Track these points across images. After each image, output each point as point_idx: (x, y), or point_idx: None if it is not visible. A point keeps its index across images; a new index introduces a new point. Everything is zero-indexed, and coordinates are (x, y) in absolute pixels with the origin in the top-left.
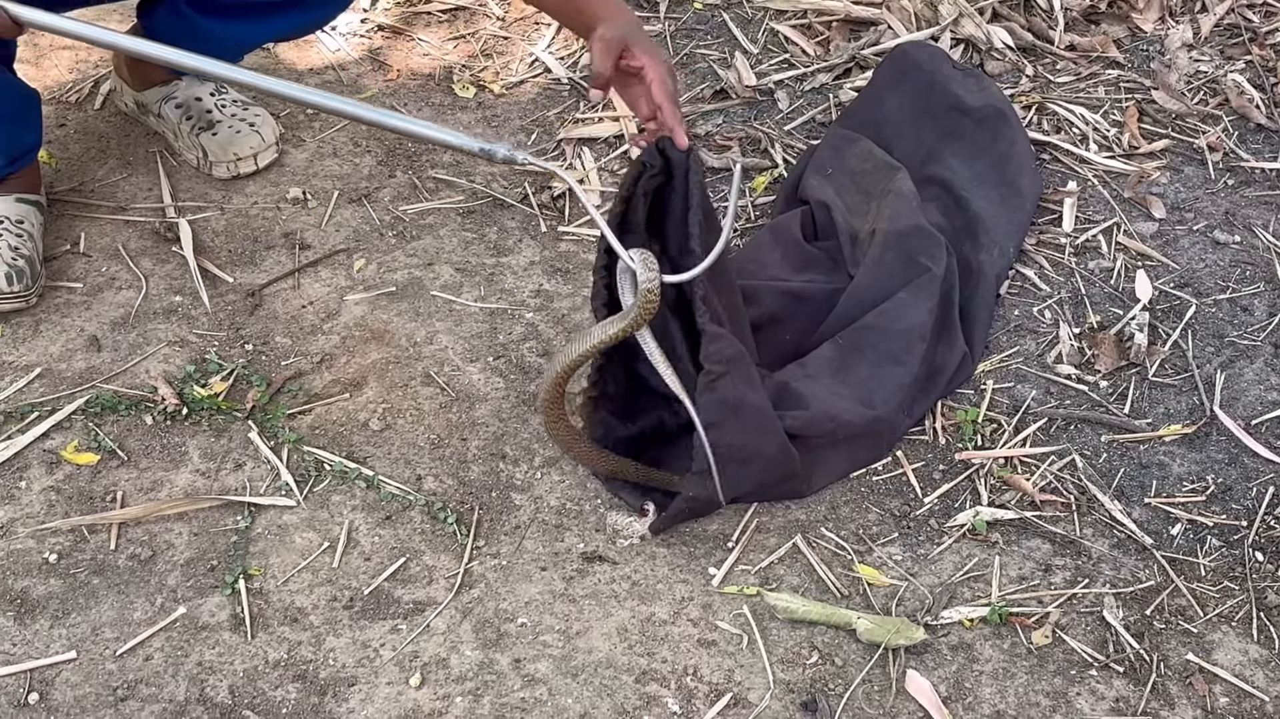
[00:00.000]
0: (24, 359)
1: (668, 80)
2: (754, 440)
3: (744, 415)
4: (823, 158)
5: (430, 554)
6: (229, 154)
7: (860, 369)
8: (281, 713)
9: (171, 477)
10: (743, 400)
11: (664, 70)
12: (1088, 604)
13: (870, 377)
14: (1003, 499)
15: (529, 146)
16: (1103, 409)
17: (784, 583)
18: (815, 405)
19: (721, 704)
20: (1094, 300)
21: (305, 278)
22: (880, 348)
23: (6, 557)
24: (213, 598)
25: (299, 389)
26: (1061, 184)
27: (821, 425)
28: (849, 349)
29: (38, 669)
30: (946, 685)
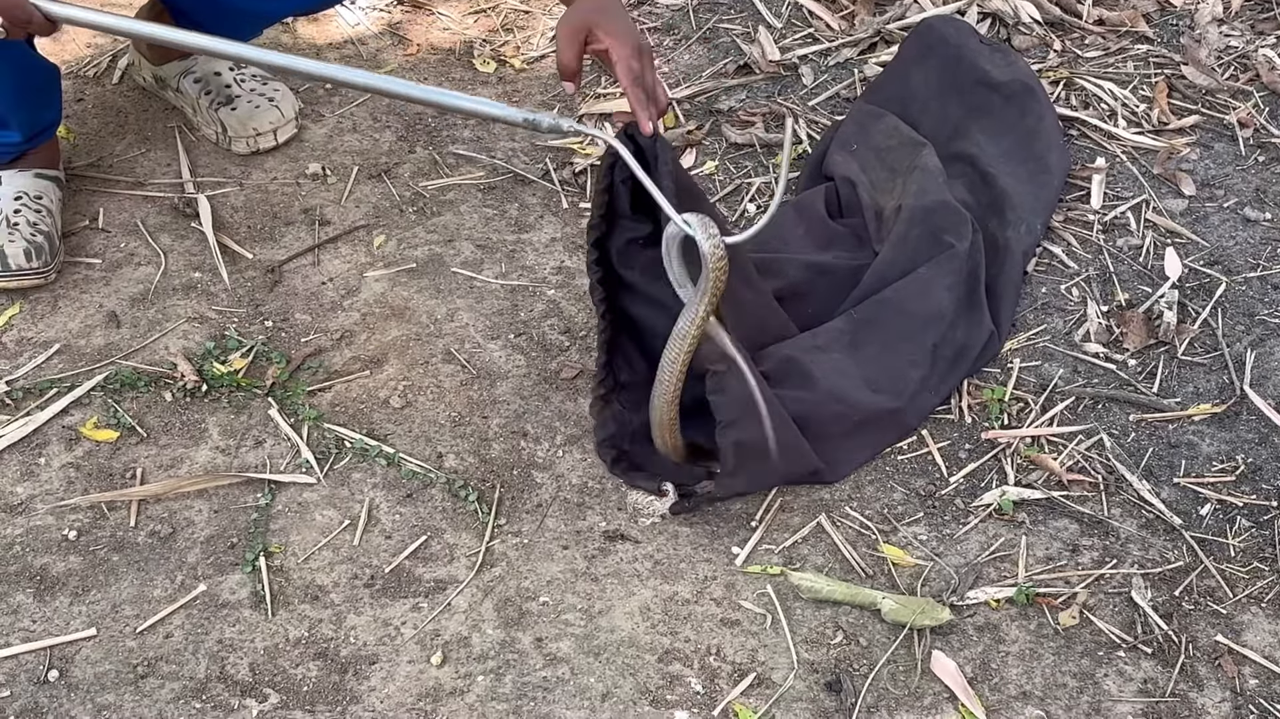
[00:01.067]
0: (43, 335)
1: (633, 62)
2: (769, 431)
3: (755, 408)
4: (848, 133)
5: (451, 532)
6: (248, 129)
7: (871, 346)
8: (302, 691)
9: (191, 453)
10: (751, 393)
11: (629, 51)
12: (1115, 585)
13: (881, 354)
14: (1029, 479)
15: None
16: (1131, 388)
17: (808, 562)
18: (822, 384)
19: (745, 684)
20: (1122, 278)
21: (325, 254)
22: (894, 325)
23: (26, 534)
24: (233, 575)
25: (319, 366)
26: (1090, 160)
27: (828, 407)
28: (863, 323)
29: (58, 646)
30: (972, 666)
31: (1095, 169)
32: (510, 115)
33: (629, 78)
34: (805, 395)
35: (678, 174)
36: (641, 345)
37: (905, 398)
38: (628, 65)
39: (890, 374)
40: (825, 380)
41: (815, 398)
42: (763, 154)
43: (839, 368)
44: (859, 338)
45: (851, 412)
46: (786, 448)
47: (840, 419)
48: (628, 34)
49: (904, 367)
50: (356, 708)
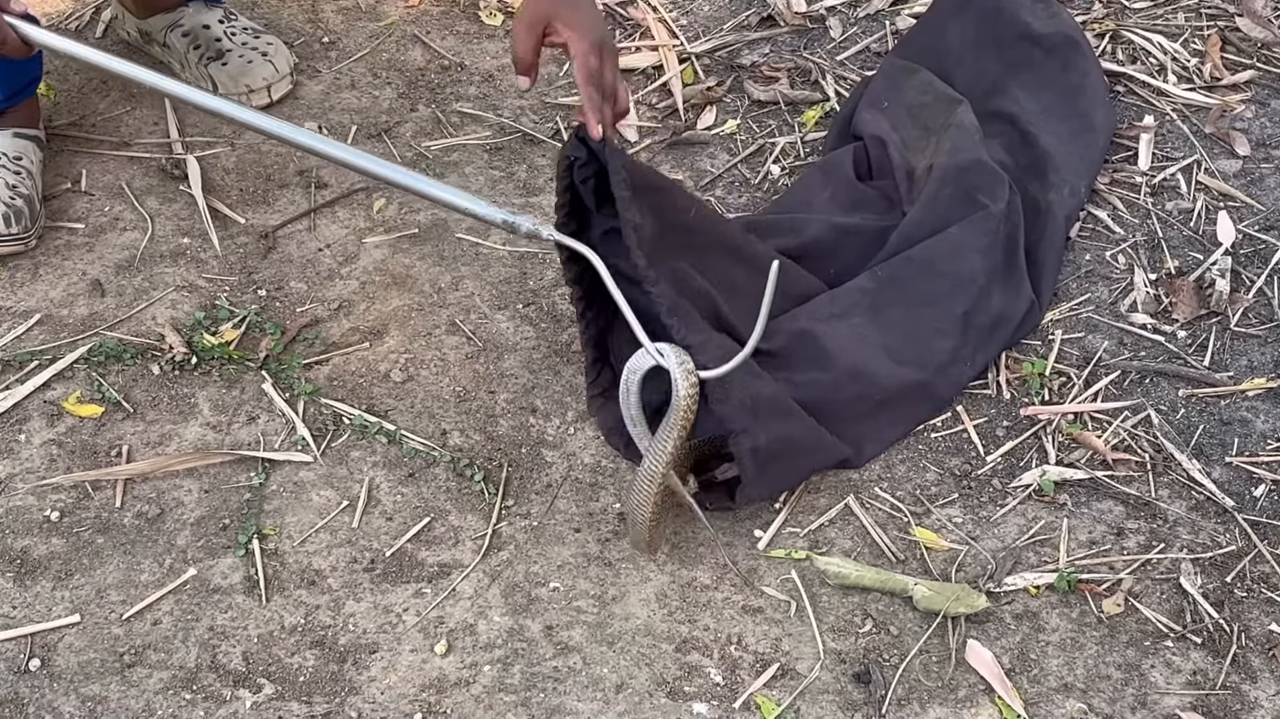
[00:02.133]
0: (22, 304)
1: (590, 59)
2: (783, 429)
3: (762, 408)
4: (878, 90)
5: (456, 514)
6: (240, 85)
7: (895, 309)
8: (299, 681)
9: (180, 430)
10: (757, 394)
11: (587, 46)
12: (1163, 570)
13: (905, 319)
14: (1072, 458)
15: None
16: (1180, 361)
17: (835, 546)
18: (840, 361)
19: (768, 675)
20: (1172, 244)
21: (322, 219)
22: (920, 288)
23: (5, 514)
24: (225, 559)
25: (315, 337)
26: (1137, 118)
27: (848, 388)
28: (887, 282)
29: (39, 633)
30: (1010, 656)
31: (1143, 128)
32: (489, 214)
33: (584, 74)
34: (822, 377)
35: (634, 177)
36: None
37: (932, 369)
38: (584, 61)
39: (915, 343)
40: (843, 356)
41: (832, 378)
42: (787, 112)
43: (859, 338)
44: (881, 299)
45: (873, 390)
46: (806, 445)
47: (861, 399)
48: (589, 27)
49: (930, 335)
50: (356, 699)
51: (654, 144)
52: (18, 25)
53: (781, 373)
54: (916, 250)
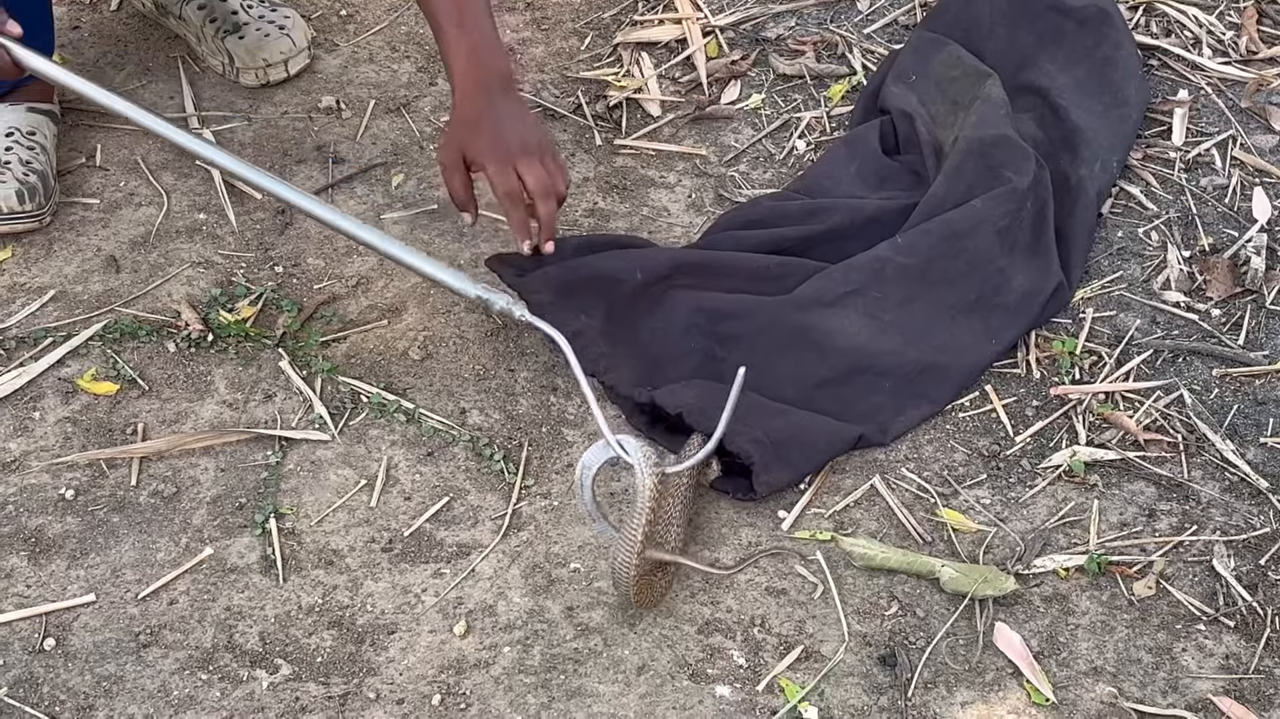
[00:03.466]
0: (36, 281)
1: (501, 180)
2: (780, 420)
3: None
4: (906, 64)
5: (476, 493)
6: (257, 60)
7: (910, 287)
8: (316, 661)
9: (196, 408)
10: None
11: (495, 170)
12: (1196, 553)
13: (921, 298)
14: (1103, 438)
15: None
16: (1214, 340)
17: (861, 528)
18: (844, 350)
19: (792, 657)
20: (1206, 221)
21: (339, 194)
22: (938, 263)
23: (20, 493)
24: (241, 538)
25: (333, 315)
26: (1171, 93)
27: (855, 378)
28: (905, 251)
29: (54, 613)
30: (1039, 639)
31: (1177, 102)
32: (464, 288)
33: (501, 196)
34: (825, 371)
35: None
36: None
37: (949, 351)
38: (498, 185)
39: (930, 325)
40: (848, 345)
41: (836, 370)
42: (813, 86)
43: (868, 319)
44: (897, 273)
45: (885, 375)
46: (815, 428)
47: (874, 385)
48: (495, 145)
49: (946, 317)
50: (374, 680)
51: (677, 119)
52: (10, 48)
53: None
54: (936, 223)
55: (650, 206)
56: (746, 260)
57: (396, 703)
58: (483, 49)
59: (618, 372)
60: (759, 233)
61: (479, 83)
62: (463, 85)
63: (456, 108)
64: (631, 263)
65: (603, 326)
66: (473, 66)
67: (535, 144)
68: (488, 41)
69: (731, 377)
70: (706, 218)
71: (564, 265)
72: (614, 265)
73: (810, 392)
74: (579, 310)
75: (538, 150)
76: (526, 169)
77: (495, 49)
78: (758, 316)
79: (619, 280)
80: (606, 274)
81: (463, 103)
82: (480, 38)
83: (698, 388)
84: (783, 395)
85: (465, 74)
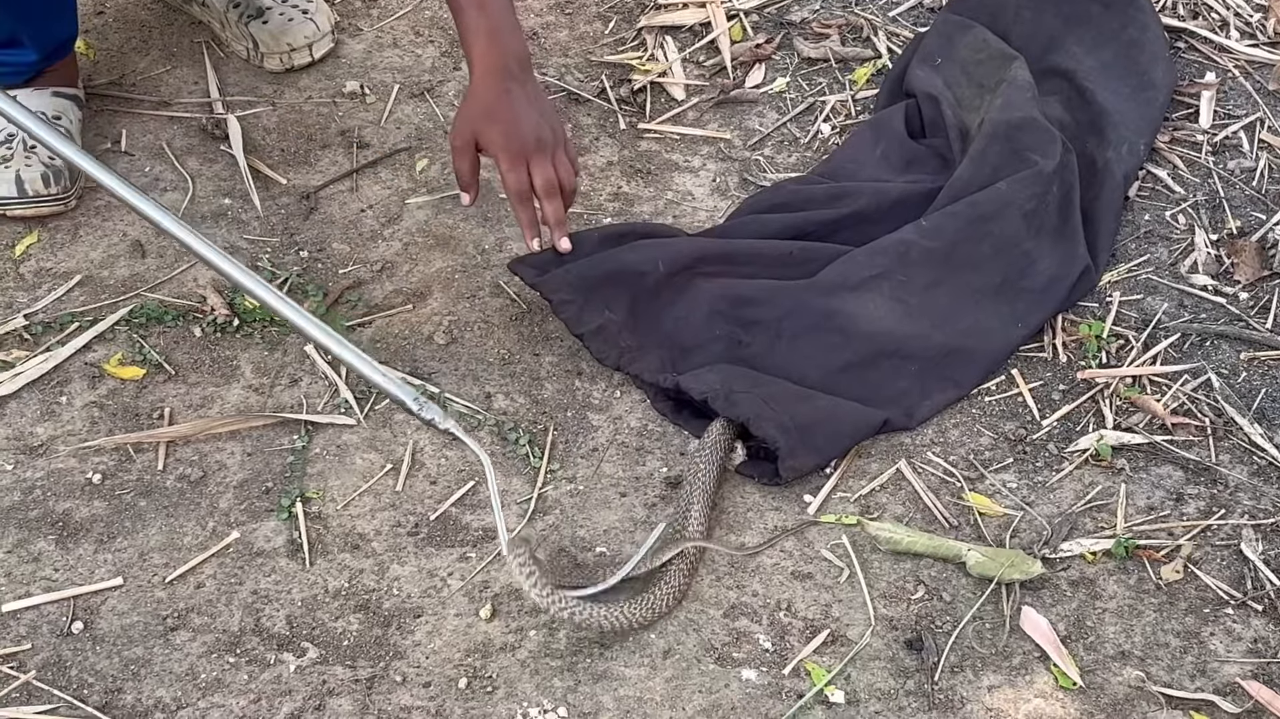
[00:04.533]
0: (62, 266)
1: (512, 176)
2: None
3: (767, 387)
4: (931, 46)
5: (501, 478)
6: (281, 44)
7: (935, 270)
8: (342, 645)
9: (222, 392)
10: (757, 381)
11: (508, 164)
12: (1224, 537)
13: (946, 283)
14: (1130, 422)
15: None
16: (1242, 323)
17: (886, 512)
18: (869, 334)
19: (818, 641)
20: (1234, 204)
21: (364, 179)
22: (963, 247)
23: (47, 477)
24: (268, 522)
25: (358, 299)
26: (1198, 75)
27: (881, 362)
28: (930, 233)
29: (82, 596)
30: (1066, 624)
31: (1204, 85)
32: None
33: (511, 193)
34: (849, 355)
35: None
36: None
37: (975, 335)
38: (509, 180)
39: (956, 309)
40: (873, 329)
41: (861, 354)
42: (838, 69)
43: (893, 303)
44: (921, 256)
45: (910, 359)
46: (840, 413)
47: (899, 369)
48: (509, 140)
49: (971, 301)
50: (400, 663)
51: (701, 103)
52: None
53: (799, 357)
54: (961, 205)
55: (674, 191)
56: (768, 247)
57: (423, 686)
58: (502, 32)
59: (642, 361)
60: (783, 216)
61: (497, 66)
62: (481, 67)
63: (473, 90)
64: (653, 255)
65: (626, 320)
66: (492, 49)
67: (550, 138)
68: (507, 24)
69: (757, 362)
70: (731, 202)
71: (585, 262)
72: (635, 258)
73: (835, 376)
74: (602, 307)
75: (552, 144)
76: (538, 167)
77: (514, 32)
78: (782, 301)
79: (641, 274)
80: (628, 268)
81: (479, 86)
82: (500, 20)
83: (722, 371)
84: (807, 379)
85: (484, 56)
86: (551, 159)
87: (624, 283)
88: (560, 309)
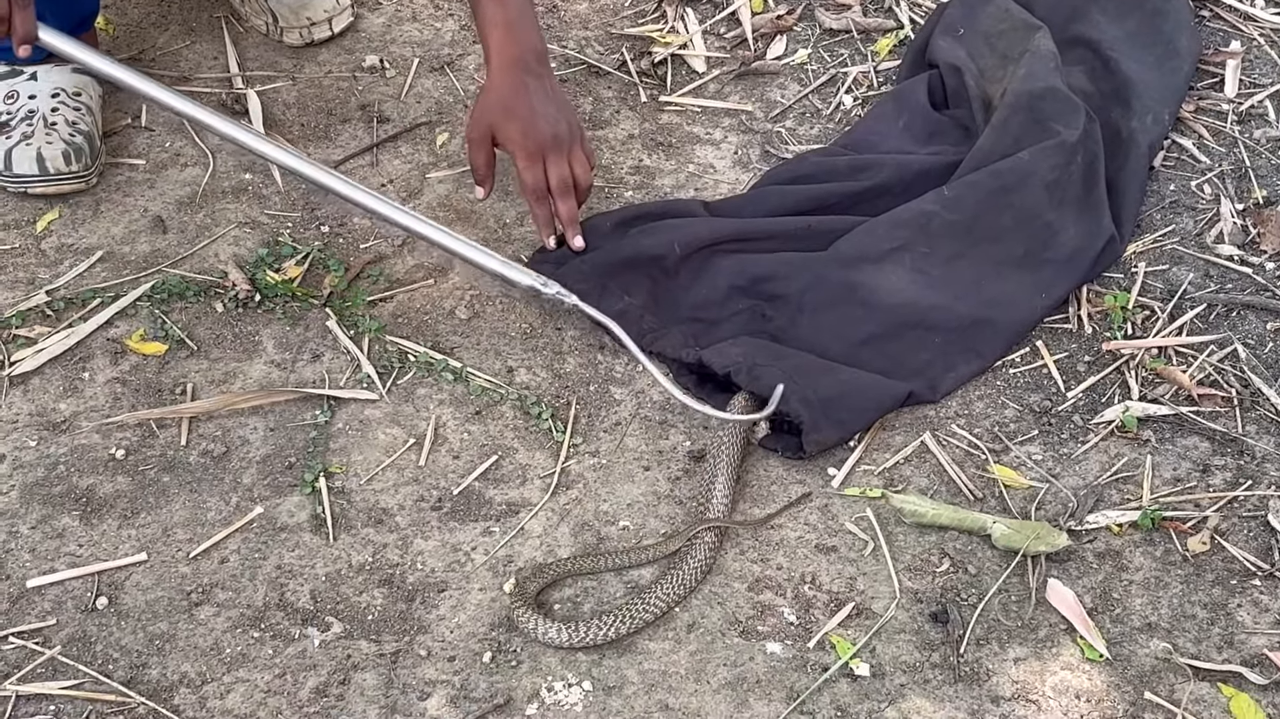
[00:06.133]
0: (84, 242)
1: (529, 174)
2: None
3: (790, 360)
4: (954, 17)
5: (524, 452)
6: (301, 18)
7: (957, 242)
8: (367, 619)
9: (244, 368)
10: (780, 354)
11: (525, 161)
12: (1250, 508)
13: (968, 254)
14: (1155, 393)
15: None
16: (1268, 293)
17: (911, 484)
18: (892, 306)
19: (843, 614)
20: (1260, 173)
21: (384, 153)
22: (985, 220)
23: (71, 453)
24: (291, 497)
25: (380, 274)
26: (1223, 44)
27: (904, 333)
28: (951, 204)
29: (106, 572)
30: (1092, 596)
31: (1230, 53)
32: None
33: (527, 190)
34: (873, 328)
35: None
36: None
37: (999, 306)
38: (525, 177)
39: (978, 280)
40: (895, 301)
41: (884, 326)
42: (860, 40)
43: (915, 274)
44: (943, 228)
45: (934, 330)
46: (863, 385)
47: (923, 341)
48: (525, 138)
49: (993, 273)
50: (425, 638)
51: (722, 75)
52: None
53: (821, 330)
54: (983, 174)
55: (696, 163)
56: (782, 224)
57: (448, 660)
58: (519, 25)
59: (666, 338)
60: (805, 188)
61: (514, 60)
62: (497, 61)
63: (489, 84)
64: (668, 238)
65: (646, 303)
66: (509, 42)
67: (566, 134)
68: (524, 17)
69: (779, 335)
70: (753, 174)
71: (602, 250)
72: (651, 243)
73: (857, 348)
74: (622, 292)
75: (568, 141)
76: (553, 165)
77: (531, 25)
78: (802, 275)
79: (658, 258)
80: (644, 253)
81: (496, 80)
82: (517, 13)
83: (744, 344)
84: (830, 352)
85: (500, 50)
86: (568, 155)
87: (641, 268)
88: (581, 299)
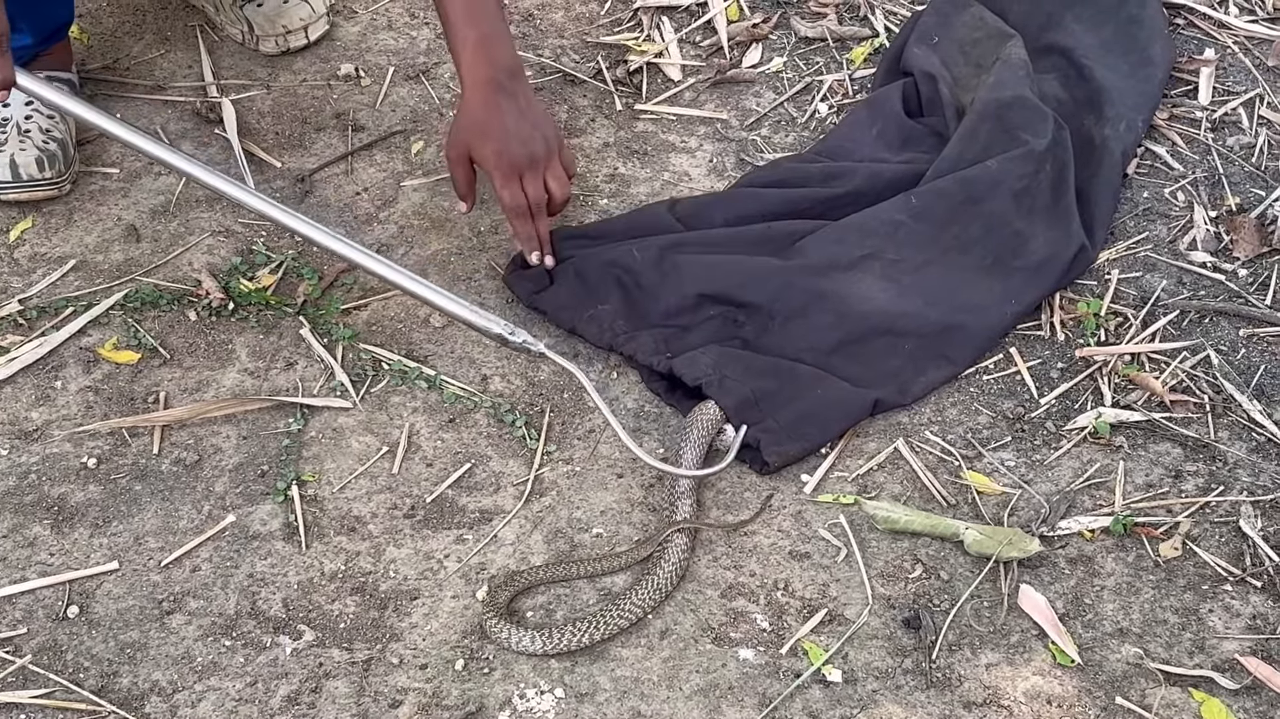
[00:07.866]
0: (57, 250)
1: (506, 192)
2: (788, 383)
3: (758, 373)
4: (929, 25)
5: (497, 459)
6: (276, 27)
7: (925, 250)
8: (339, 627)
9: (218, 376)
10: (750, 364)
11: (500, 180)
12: (1222, 514)
13: (940, 257)
14: (1128, 399)
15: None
16: (1241, 300)
17: (884, 491)
18: (861, 313)
19: (815, 620)
20: (1232, 180)
21: (359, 162)
22: (954, 226)
23: (42, 461)
24: (264, 505)
25: (353, 282)
26: (1197, 51)
27: (873, 340)
28: (919, 214)
29: (77, 580)
30: (1064, 601)
31: (1203, 61)
32: (486, 325)
33: (506, 208)
34: (841, 334)
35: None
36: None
37: (968, 312)
38: (502, 195)
39: (948, 288)
40: (865, 308)
41: (853, 332)
42: (835, 49)
43: (885, 283)
44: (911, 236)
45: (904, 336)
46: (818, 408)
47: (893, 347)
48: (500, 158)
49: (961, 281)
50: (397, 645)
51: (698, 83)
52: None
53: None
54: (951, 182)
55: (671, 171)
56: (741, 233)
57: (420, 668)
58: (490, 43)
59: (636, 341)
60: (778, 192)
61: (486, 79)
62: (470, 80)
63: (464, 104)
64: (630, 248)
65: (619, 308)
66: (480, 61)
67: (542, 151)
68: (496, 35)
69: (752, 342)
70: (728, 182)
71: (572, 270)
72: (616, 254)
73: (828, 355)
74: (595, 300)
75: (544, 157)
76: (530, 184)
77: (503, 42)
78: (772, 283)
79: (626, 267)
80: (612, 262)
81: (470, 99)
82: (489, 28)
83: (714, 353)
84: (801, 360)
85: (472, 69)
86: (544, 172)
87: (612, 277)
88: (556, 315)
